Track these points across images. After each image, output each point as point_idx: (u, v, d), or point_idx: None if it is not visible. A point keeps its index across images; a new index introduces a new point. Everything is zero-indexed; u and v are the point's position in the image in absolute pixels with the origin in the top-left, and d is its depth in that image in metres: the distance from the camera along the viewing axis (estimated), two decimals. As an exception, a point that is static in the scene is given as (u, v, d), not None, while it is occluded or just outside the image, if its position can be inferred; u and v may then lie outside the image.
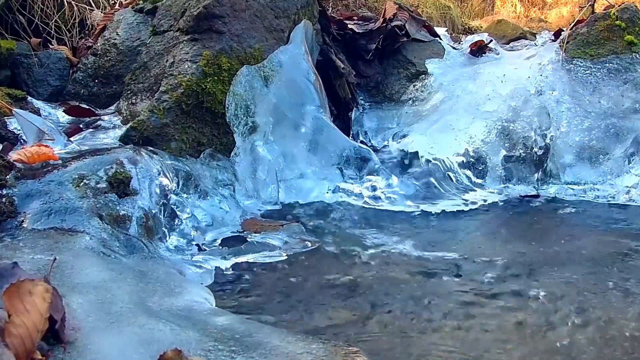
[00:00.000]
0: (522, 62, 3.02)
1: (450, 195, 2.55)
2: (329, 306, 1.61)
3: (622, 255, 1.98)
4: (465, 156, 2.67)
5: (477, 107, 2.82)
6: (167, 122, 2.18)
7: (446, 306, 1.61)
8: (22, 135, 1.99)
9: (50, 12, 3.20)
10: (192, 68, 2.25)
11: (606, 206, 2.50)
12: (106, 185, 1.70)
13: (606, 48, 2.84)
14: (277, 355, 1.10)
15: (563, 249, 2.03)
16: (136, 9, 2.78)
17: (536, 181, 2.69)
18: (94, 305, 1.17)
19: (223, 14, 2.33)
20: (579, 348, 1.41)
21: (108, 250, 1.50)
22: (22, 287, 0.98)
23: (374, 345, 1.41)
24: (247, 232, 2.04)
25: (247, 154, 2.35)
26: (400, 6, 3.31)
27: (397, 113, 2.99)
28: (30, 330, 0.93)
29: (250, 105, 2.34)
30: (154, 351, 1.02)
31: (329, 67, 2.87)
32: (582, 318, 1.55)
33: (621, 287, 1.73)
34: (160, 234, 1.79)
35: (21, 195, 1.57)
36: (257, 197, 2.34)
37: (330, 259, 1.92)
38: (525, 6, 9.89)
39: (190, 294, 1.41)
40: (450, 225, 2.30)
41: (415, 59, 3.11)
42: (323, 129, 2.53)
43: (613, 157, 2.62)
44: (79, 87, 2.62)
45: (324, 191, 2.49)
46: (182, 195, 2.00)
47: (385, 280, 1.77)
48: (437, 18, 6.22)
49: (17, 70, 2.61)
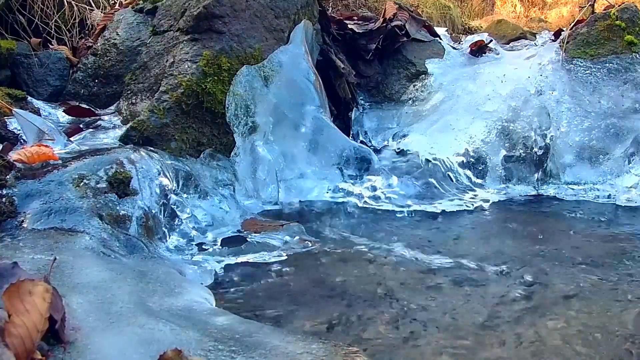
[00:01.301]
0: (522, 62, 3.02)
1: (450, 195, 2.55)
2: (329, 306, 1.61)
3: (623, 255, 1.98)
4: (465, 156, 2.67)
5: (477, 107, 2.82)
6: (167, 122, 2.18)
7: (446, 306, 1.62)
8: (22, 135, 1.99)
9: (50, 12, 3.20)
10: (192, 68, 2.25)
11: (606, 206, 2.50)
12: (106, 185, 1.70)
13: (606, 48, 2.85)
14: (277, 355, 1.10)
15: (563, 249, 2.04)
16: (136, 9, 2.78)
17: (536, 181, 2.69)
18: (94, 305, 1.17)
19: (223, 14, 2.33)
20: (579, 347, 1.41)
21: (108, 250, 1.50)
22: (22, 287, 0.98)
23: (374, 345, 1.41)
24: (247, 232, 2.04)
25: (247, 154, 2.35)
26: (400, 6, 3.31)
27: (397, 113, 2.99)
28: (30, 330, 0.93)
29: (250, 105, 2.34)
30: (154, 351, 1.02)
31: (329, 67, 2.87)
32: (582, 318, 1.55)
33: (621, 287, 1.73)
34: (160, 234, 1.79)
35: (21, 195, 1.57)
36: (257, 197, 2.34)
37: (330, 259, 1.92)
38: (525, 6, 9.90)
39: (190, 294, 1.41)
40: (450, 225, 2.30)
41: (415, 59, 3.11)
42: (323, 129, 2.53)
43: (613, 157, 2.62)
44: (79, 87, 2.62)
45: (324, 191, 2.49)
46: (182, 195, 2.00)
47: (385, 280, 1.77)
48: (437, 18, 6.22)
49: (17, 70, 2.61)
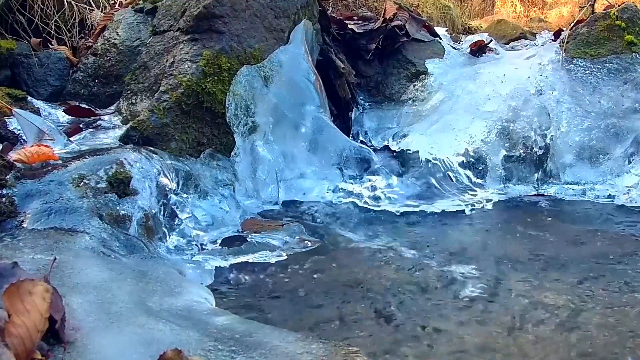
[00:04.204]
0: (522, 62, 3.02)
1: (450, 195, 2.55)
2: (329, 306, 1.61)
3: (622, 255, 1.98)
4: (465, 156, 2.67)
5: (477, 107, 2.82)
6: (167, 122, 2.18)
7: (446, 306, 1.62)
8: (22, 135, 1.99)
9: (50, 12, 3.20)
10: (192, 68, 2.25)
11: (606, 206, 2.50)
12: (106, 185, 1.70)
13: (606, 48, 2.84)
14: (277, 355, 1.10)
15: (563, 249, 2.04)
16: (136, 9, 2.78)
17: (536, 181, 2.69)
18: (94, 305, 1.16)
19: (223, 13, 2.33)
20: (578, 347, 1.41)
21: (108, 250, 1.50)
22: (22, 287, 0.98)
23: (374, 345, 1.41)
24: (247, 232, 2.04)
25: (247, 154, 2.35)
26: (400, 6, 3.31)
27: (397, 113, 2.99)
28: (30, 330, 0.93)
29: (250, 105, 2.34)
30: (154, 351, 1.02)
31: (329, 67, 2.87)
32: (582, 318, 1.55)
33: (621, 287, 1.73)
34: (160, 234, 1.79)
35: (21, 195, 1.57)
36: (257, 197, 2.34)
37: (330, 259, 1.92)
38: (525, 6, 9.90)
39: (190, 294, 1.41)
40: (450, 225, 2.30)
41: (415, 59, 3.11)
42: (323, 129, 2.53)
43: (613, 157, 2.62)
44: (79, 87, 2.62)
45: (323, 191, 2.49)
46: (182, 195, 1.99)
47: (385, 280, 1.77)
48: (437, 18, 6.22)
49: (17, 70, 2.61)
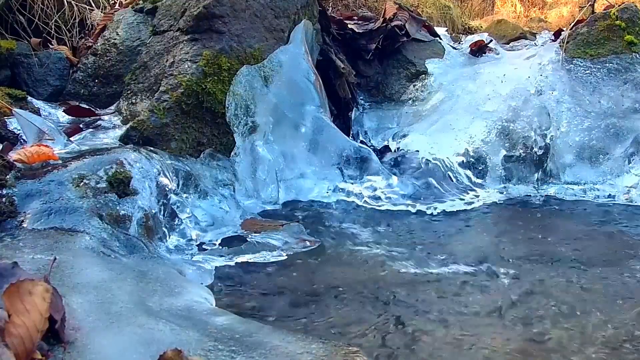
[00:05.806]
0: (522, 62, 3.02)
1: (450, 195, 2.55)
2: (329, 306, 1.61)
3: (622, 255, 1.98)
4: (465, 156, 2.67)
5: (477, 107, 2.82)
6: (167, 122, 2.18)
7: (446, 306, 1.62)
8: (22, 135, 1.99)
9: (50, 12, 3.20)
10: (192, 68, 2.25)
11: (606, 206, 2.50)
12: (106, 185, 1.70)
13: (606, 48, 2.84)
14: (277, 355, 1.10)
15: (563, 249, 2.04)
16: (136, 9, 2.78)
17: (536, 181, 2.69)
18: (94, 305, 1.16)
19: (223, 13, 2.33)
20: (578, 347, 1.41)
21: (108, 250, 1.50)
22: (22, 287, 0.98)
23: (374, 345, 1.41)
24: (247, 232, 2.04)
25: (247, 154, 2.35)
26: (400, 6, 3.31)
27: (397, 113, 2.99)
28: (30, 330, 0.93)
29: (250, 105, 2.34)
30: (154, 351, 1.02)
31: (329, 67, 2.87)
32: (582, 318, 1.55)
33: (622, 287, 1.73)
34: (160, 234, 1.79)
35: (21, 195, 1.57)
36: (257, 197, 2.34)
37: (330, 259, 1.92)
38: (525, 6, 9.90)
39: (190, 294, 1.41)
40: (450, 225, 2.30)
41: (415, 59, 3.11)
42: (323, 129, 2.53)
43: (613, 157, 2.62)
44: (79, 87, 2.62)
45: (323, 191, 2.49)
46: (182, 195, 1.99)
47: (385, 280, 1.77)
48: (437, 18, 6.22)
49: (17, 70, 2.61)
